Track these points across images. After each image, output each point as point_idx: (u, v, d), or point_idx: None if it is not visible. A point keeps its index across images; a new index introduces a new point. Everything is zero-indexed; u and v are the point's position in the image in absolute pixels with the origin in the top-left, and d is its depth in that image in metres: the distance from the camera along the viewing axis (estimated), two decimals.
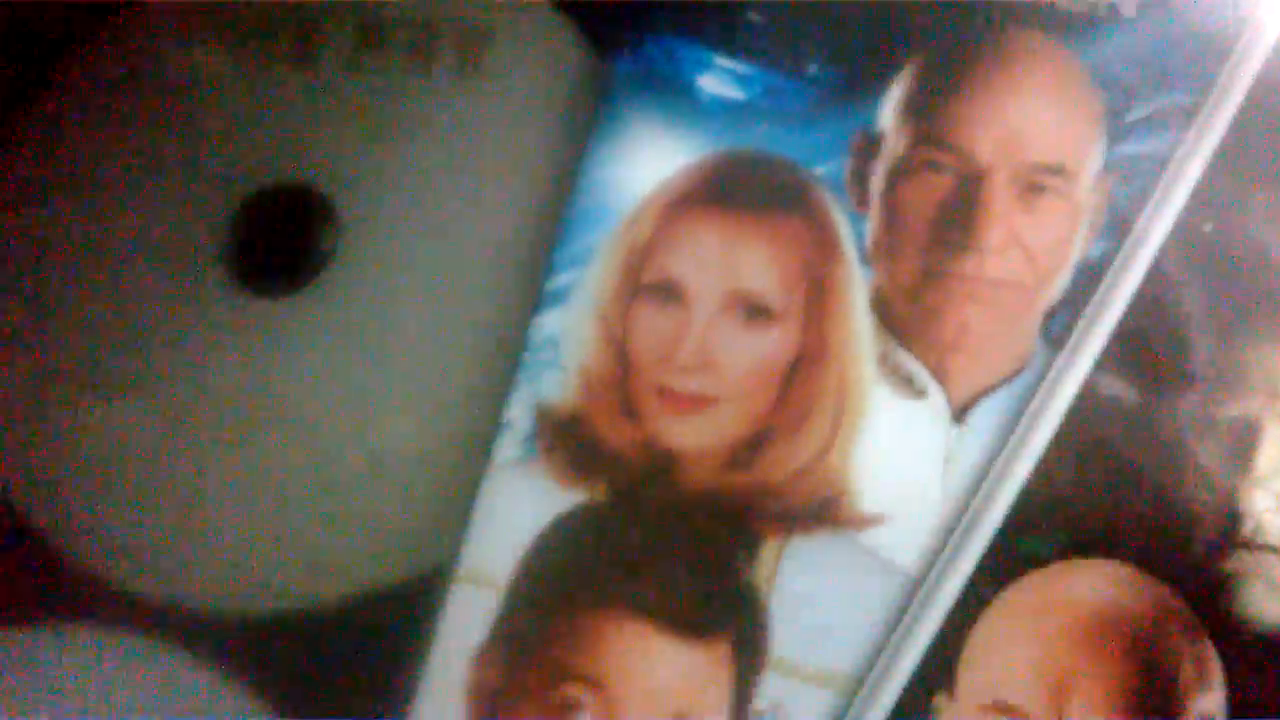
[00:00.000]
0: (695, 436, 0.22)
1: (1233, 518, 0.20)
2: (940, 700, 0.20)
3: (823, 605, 0.20)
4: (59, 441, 0.26)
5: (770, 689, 0.20)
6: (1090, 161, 0.22)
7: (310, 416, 0.25)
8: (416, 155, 0.27)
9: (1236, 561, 0.20)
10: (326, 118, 0.28)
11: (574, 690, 0.20)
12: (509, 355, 0.23)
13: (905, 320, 0.22)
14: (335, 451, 0.25)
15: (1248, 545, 0.20)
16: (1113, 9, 0.23)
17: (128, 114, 0.28)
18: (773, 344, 0.22)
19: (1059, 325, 0.21)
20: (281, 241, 0.27)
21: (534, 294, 0.23)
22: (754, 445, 0.21)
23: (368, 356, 0.25)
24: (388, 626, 0.23)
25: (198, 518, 0.25)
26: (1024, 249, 0.22)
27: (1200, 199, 0.21)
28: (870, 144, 0.23)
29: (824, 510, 0.21)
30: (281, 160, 0.28)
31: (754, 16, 0.24)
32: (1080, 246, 0.22)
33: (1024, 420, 0.21)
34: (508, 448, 0.22)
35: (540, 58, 0.27)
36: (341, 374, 0.25)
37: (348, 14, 0.28)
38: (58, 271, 0.27)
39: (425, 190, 0.26)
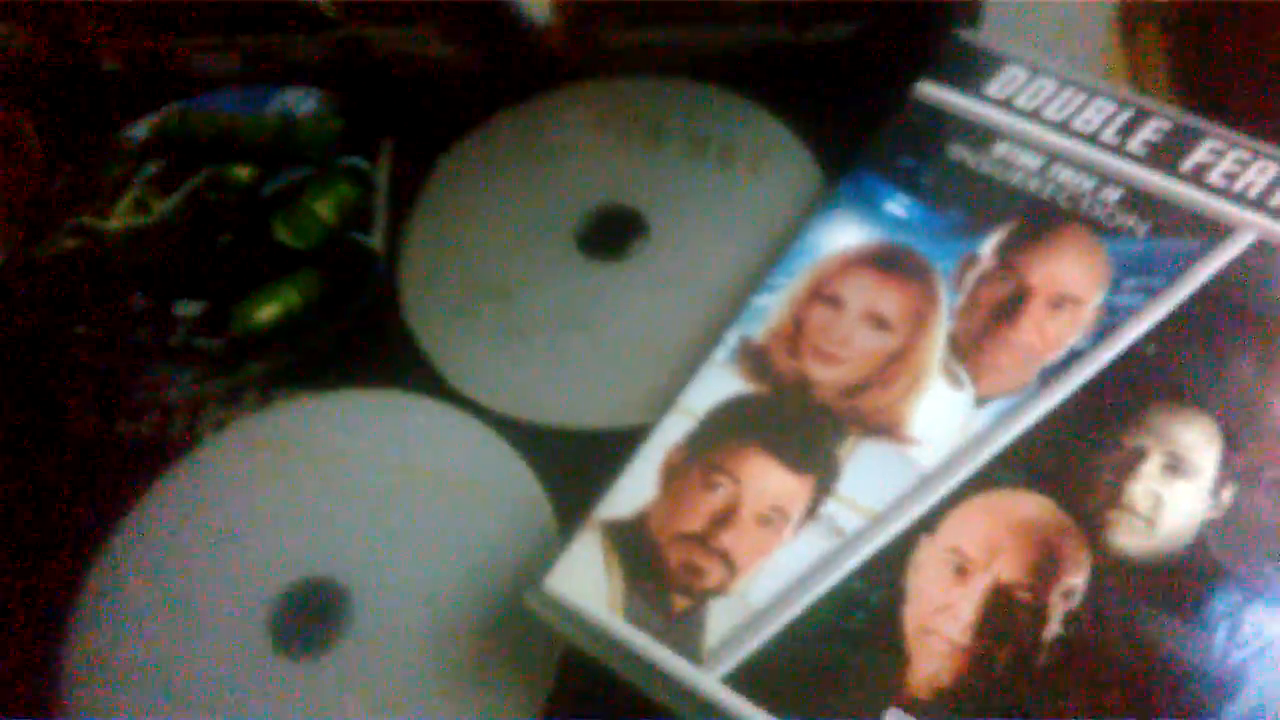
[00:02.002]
0: (826, 375, 0.38)
1: (1116, 489, 0.34)
2: (924, 538, 0.35)
3: (872, 475, 0.36)
4: (469, 322, 0.44)
5: (830, 509, 0.35)
6: (1094, 300, 0.38)
7: (617, 324, 0.42)
8: (703, 203, 0.45)
9: (1112, 514, 0.34)
10: (657, 177, 0.46)
11: (719, 477, 0.36)
12: (733, 310, 0.40)
13: (963, 349, 0.38)
14: (627, 344, 0.42)
15: (1121, 507, 0.34)
16: (1132, 230, 0.39)
17: (533, 161, 0.48)
18: (885, 341, 0.38)
19: (1049, 374, 0.37)
20: (614, 235, 0.45)
21: (756, 284, 0.40)
22: (859, 388, 0.37)
23: (657, 297, 0.43)
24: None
25: (554, 375, 0.42)
26: (1041, 332, 0.38)
27: (1149, 334, 0.37)
28: (971, 260, 0.39)
29: (889, 429, 0.36)
30: (620, 193, 0.46)
31: (925, 179, 0.41)
32: (1074, 339, 0.37)
33: (1014, 416, 0.36)
34: (720, 354, 0.39)
35: (791, 169, 0.45)
36: (641, 304, 0.43)
37: (686, 127, 0.47)
38: (487, 246, 0.46)
39: (704, 220, 0.44)
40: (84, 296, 0.46)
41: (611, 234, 0.45)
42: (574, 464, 0.40)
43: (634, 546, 0.35)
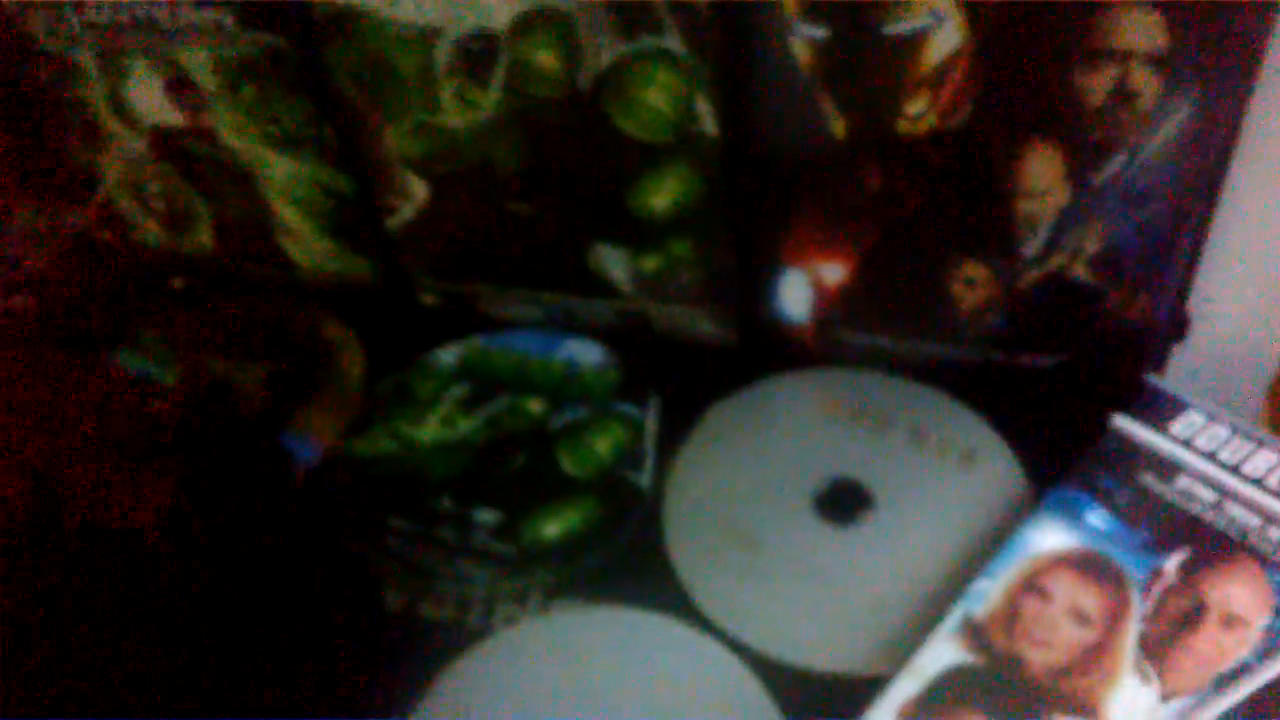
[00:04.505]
0: (1036, 656, 0.46)
1: None
2: None
3: None
4: (720, 561, 0.53)
5: None
6: (1260, 622, 0.46)
7: (847, 581, 0.51)
8: (920, 486, 0.54)
9: None
10: (881, 458, 0.55)
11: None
12: (953, 586, 0.48)
13: (1151, 650, 0.46)
14: (855, 599, 0.50)
15: None
16: None
17: (779, 429, 0.57)
18: (1086, 634, 0.46)
19: (1222, 681, 0.45)
20: (845, 503, 0.54)
21: (973, 573, 0.49)
22: (1062, 672, 0.45)
23: (881, 562, 0.51)
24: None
25: (791, 617, 0.51)
26: (1217, 644, 0.46)
27: None
28: (1159, 573, 0.48)
29: (1087, 712, 0.44)
30: (849, 467, 0.55)
31: (1119, 499, 0.50)
32: (1243, 654, 0.45)
33: (1192, 714, 0.44)
34: (947, 626, 0.47)
35: (998, 467, 0.54)
36: (867, 566, 0.51)
37: (908, 418, 0.57)
38: (737, 497, 0.55)
39: (921, 501, 0.53)
40: (398, 492, 0.56)
41: (843, 502, 0.54)
42: (806, 698, 0.48)
43: None
